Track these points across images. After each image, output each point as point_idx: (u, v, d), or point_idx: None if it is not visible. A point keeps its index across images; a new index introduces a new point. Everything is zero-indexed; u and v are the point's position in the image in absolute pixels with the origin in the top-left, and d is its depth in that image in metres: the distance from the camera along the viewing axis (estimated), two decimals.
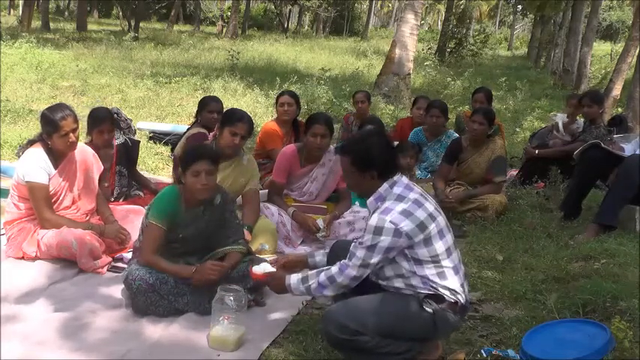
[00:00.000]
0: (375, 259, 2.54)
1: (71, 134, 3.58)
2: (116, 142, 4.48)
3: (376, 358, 2.54)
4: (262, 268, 2.91)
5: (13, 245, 3.65)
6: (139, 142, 4.92)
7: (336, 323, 2.48)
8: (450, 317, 2.61)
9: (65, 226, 3.60)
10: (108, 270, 3.66)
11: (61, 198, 3.71)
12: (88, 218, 3.85)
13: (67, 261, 3.60)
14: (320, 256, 3.05)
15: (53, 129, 3.54)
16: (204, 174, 3.11)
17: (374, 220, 2.54)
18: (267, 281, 2.90)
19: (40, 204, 3.59)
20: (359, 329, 2.46)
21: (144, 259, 3.13)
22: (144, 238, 3.18)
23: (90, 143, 4.27)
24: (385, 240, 2.50)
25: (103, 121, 4.25)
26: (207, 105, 5.06)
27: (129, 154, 4.58)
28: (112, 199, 4.34)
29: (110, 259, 3.70)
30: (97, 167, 3.94)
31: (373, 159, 2.65)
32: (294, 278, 2.73)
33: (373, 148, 2.66)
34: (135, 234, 3.70)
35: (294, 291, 2.74)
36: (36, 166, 3.57)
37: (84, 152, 3.88)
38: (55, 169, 3.66)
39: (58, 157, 3.68)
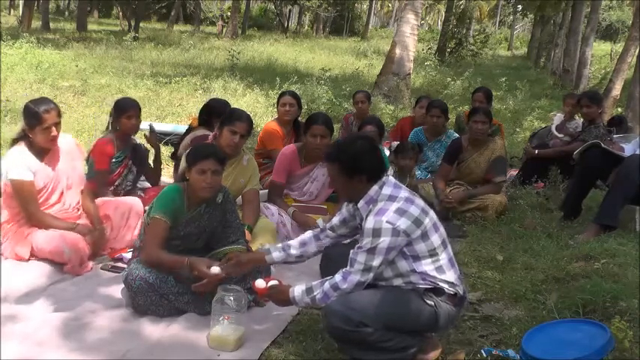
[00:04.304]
0: (376, 262, 2.54)
1: (53, 128, 3.57)
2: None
3: (378, 354, 2.54)
4: (264, 282, 2.85)
5: (9, 248, 3.63)
6: (149, 151, 4.96)
7: (340, 315, 2.48)
8: (449, 309, 2.64)
9: (50, 225, 3.60)
10: (108, 270, 3.67)
11: (49, 190, 3.68)
12: (79, 213, 3.84)
13: None
14: (277, 251, 2.98)
15: (36, 121, 3.53)
16: (210, 173, 3.11)
17: (370, 223, 2.54)
18: (270, 294, 2.84)
19: (25, 200, 3.57)
20: (362, 320, 2.47)
21: (147, 254, 3.10)
22: (148, 233, 3.16)
23: (116, 133, 4.34)
24: (385, 241, 2.51)
25: (131, 107, 4.39)
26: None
27: (140, 156, 4.63)
28: (112, 188, 4.34)
29: (91, 264, 3.69)
30: (80, 156, 3.95)
31: (362, 164, 2.65)
32: (297, 290, 2.71)
33: (360, 152, 2.66)
34: (129, 231, 3.71)
35: (299, 303, 2.72)
36: (18, 163, 3.55)
37: (68, 142, 3.87)
38: (41, 162, 3.64)
39: (41, 151, 3.66)
